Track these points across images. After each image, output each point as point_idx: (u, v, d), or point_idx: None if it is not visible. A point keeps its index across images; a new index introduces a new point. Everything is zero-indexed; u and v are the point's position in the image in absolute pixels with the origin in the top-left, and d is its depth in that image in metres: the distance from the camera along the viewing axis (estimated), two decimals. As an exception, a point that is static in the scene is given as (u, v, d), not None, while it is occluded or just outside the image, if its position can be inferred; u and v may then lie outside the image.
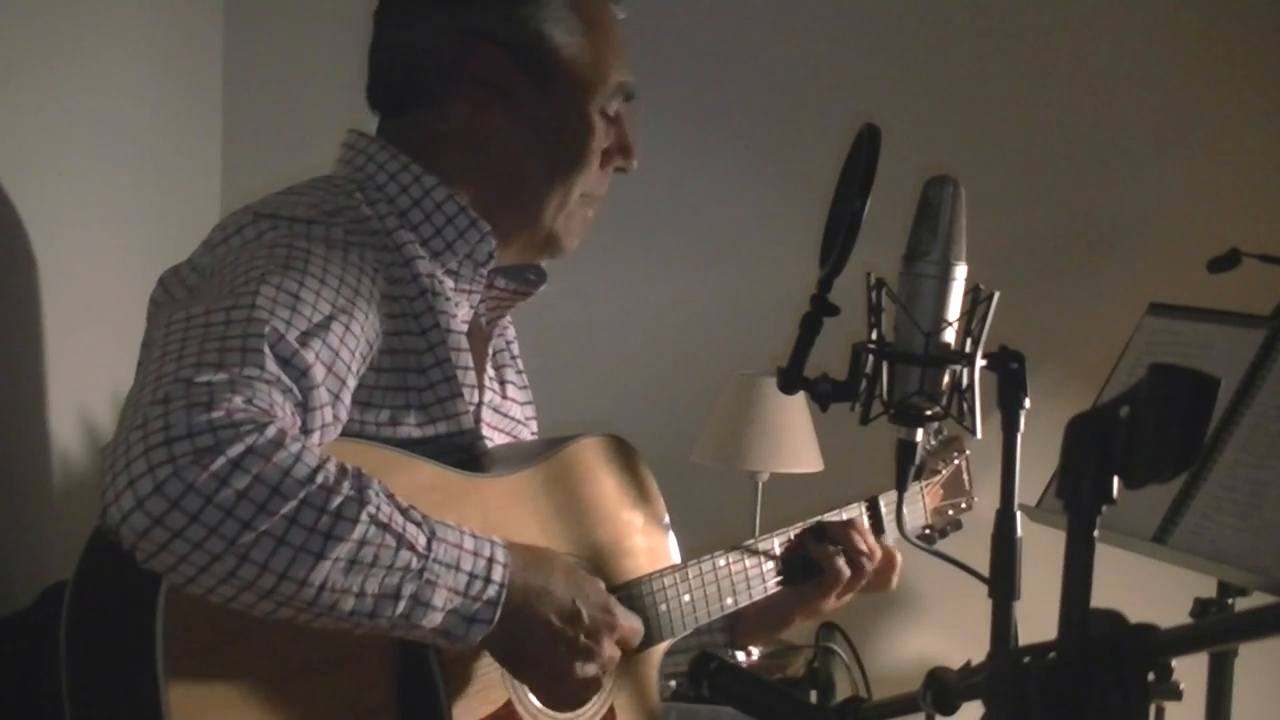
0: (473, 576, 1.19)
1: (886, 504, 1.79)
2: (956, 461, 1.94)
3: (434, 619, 1.16)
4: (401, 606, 1.14)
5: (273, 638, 1.15)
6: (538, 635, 1.27)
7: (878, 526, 1.79)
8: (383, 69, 1.49)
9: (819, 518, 1.72)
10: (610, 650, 1.34)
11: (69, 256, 1.84)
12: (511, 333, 1.67)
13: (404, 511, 1.15)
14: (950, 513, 1.94)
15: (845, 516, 1.74)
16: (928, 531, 1.91)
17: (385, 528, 1.12)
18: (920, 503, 1.87)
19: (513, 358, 1.66)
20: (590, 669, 1.32)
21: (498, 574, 1.21)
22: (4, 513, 1.68)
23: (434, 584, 1.15)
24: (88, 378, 1.91)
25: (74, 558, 1.19)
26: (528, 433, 1.63)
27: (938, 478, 1.90)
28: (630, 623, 1.37)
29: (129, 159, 2.12)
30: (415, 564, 1.14)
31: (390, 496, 1.15)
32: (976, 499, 1.97)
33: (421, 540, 1.15)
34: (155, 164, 2.25)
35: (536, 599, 1.26)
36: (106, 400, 1.96)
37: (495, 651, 1.28)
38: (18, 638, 1.38)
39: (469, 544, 1.20)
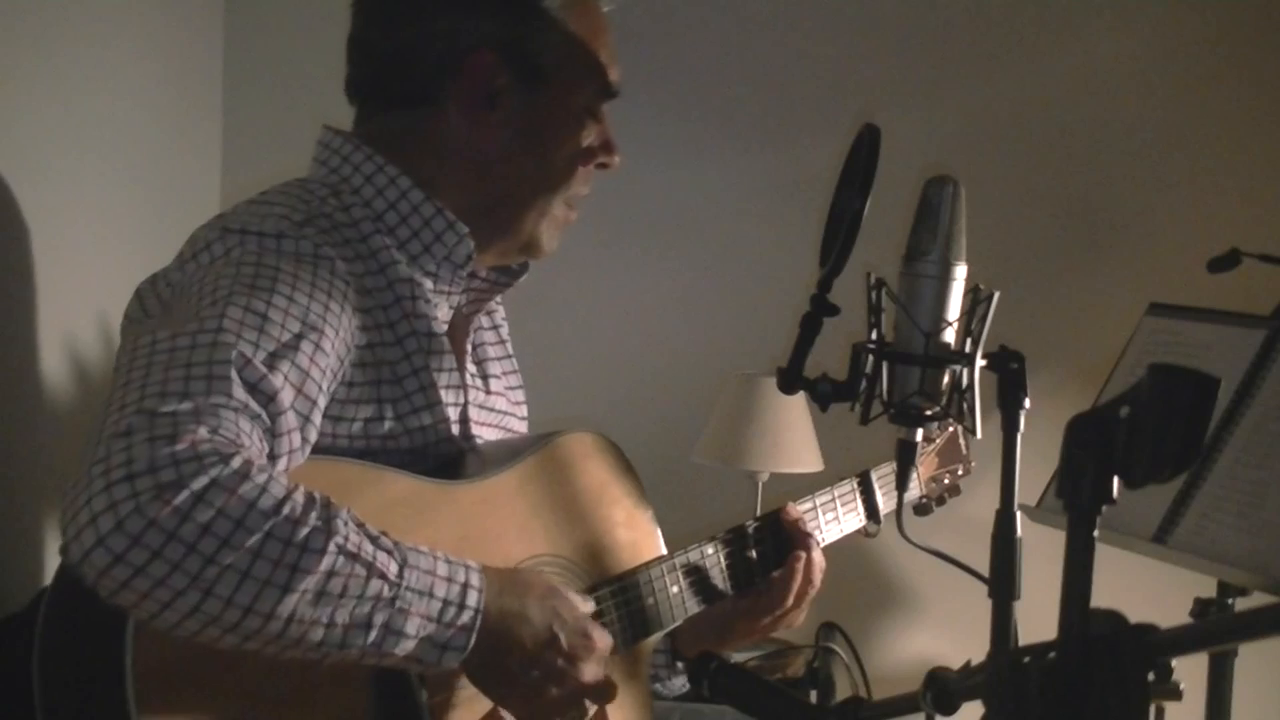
0: (446, 603, 1.17)
1: (878, 478, 1.79)
2: (951, 428, 1.93)
3: (406, 646, 1.14)
4: (373, 635, 1.12)
5: (247, 658, 1.13)
6: (514, 660, 1.25)
7: (871, 503, 1.79)
8: (369, 64, 1.47)
9: (782, 515, 1.69)
10: (589, 673, 1.31)
11: (69, 256, 1.84)
12: (500, 315, 1.66)
13: (374, 539, 1.13)
14: (947, 480, 1.93)
15: (824, 516, 1.72)
16: (924, 501, 1.90)
17: (354, 557, 1.10)
18: (914, 474, 1.86)
19: (499, 342, 1.64)
20: (568, 693, 1.30)
21: (472, 599, 1.19)
22: (3, 513, 1.68)
23: (406, 612, 1.14)
24: (87, 378, 1.91)
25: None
26: (515, 420, 1.62)
27: (931, 446, 1.89)
28: (606, 640, 1.34)
29: (129, 159, 2.12)
30: (387, 592, 1.12)
31: (360, 525, 1.13)
32: (975, 463, 1.97)
33: (393, 568, 1.13)
34: (155, 164, 2.25)
35: (513, 624, 1.24)
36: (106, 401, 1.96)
37: (472, 676, 1.26)
38: (14, 639, 1.38)
39: (442, 569, 1.18)
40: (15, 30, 1.71)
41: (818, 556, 1.66)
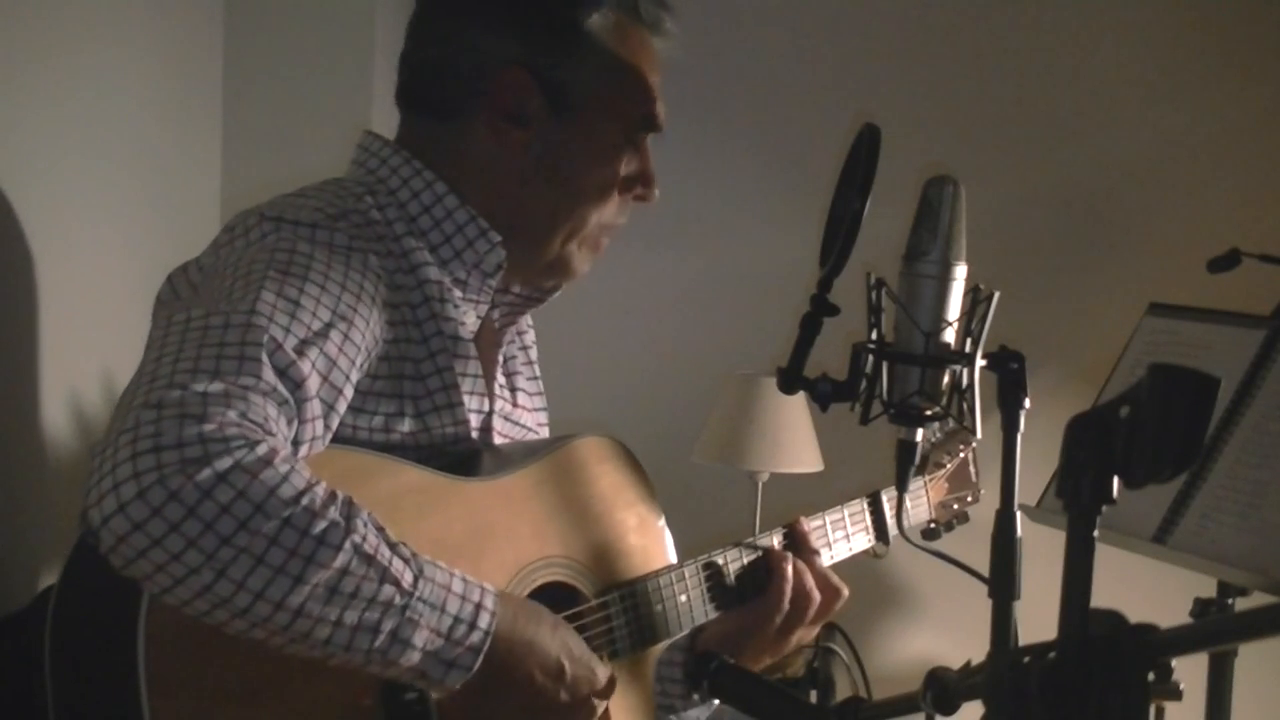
0: (457, 620, 1.17)
1: (889, 500, 1.79)
2: (962, 454, 1.93)
3: (411, 658, 1.14)
4: (379, 641, 1.12)
5: (258, 646, 1.13)
6: (520, 689, 1.24)
7: (880, 523, 1.79)
8: (410, 72, 1.47)
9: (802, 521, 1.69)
10: (591, 706, 1.32)
11: (68, 256, 1.84)
12: (531, 336, 1.66)
13: (393, 546, 1.13)
14: (955, 506, 1.94)
15: (832, 533, 1.71)
16: (932, 526, 1.91)
17: (369, 560, 1.10)
18: (924, 497, 1.87)
19: (528, 362, 1.64)
20: None
21: (484, 621, 1.18)
22: (3, 513, 1.68)
23: (415, 623, 1.13)
24: (86, 377, 1.91)
25: (72, 558, 1.19)
26: (536, 439, 1.61)
27: (942, 471, 1.90)
28: (609, 678, 1.35)
29: (129, 159, 2.12)
30: (398, 600, 1.12)
31: (380, 529, 1.13)
32: (984, 491, 1.97)
33: (408, 577, 1.13)
34: (155, 164, 2.25)
35: (523, 651, 1.24)
36: (105, 400, 1.96)
37: (474, 700, 1.25)
38: (15, 638, 1.38)
39: (458, 587, 1.18)
40: (15, 30, 1.71)
41: (818, 568, 1.63)
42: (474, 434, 1.44)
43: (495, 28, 1.41)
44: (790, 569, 1.61)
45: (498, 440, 1.50)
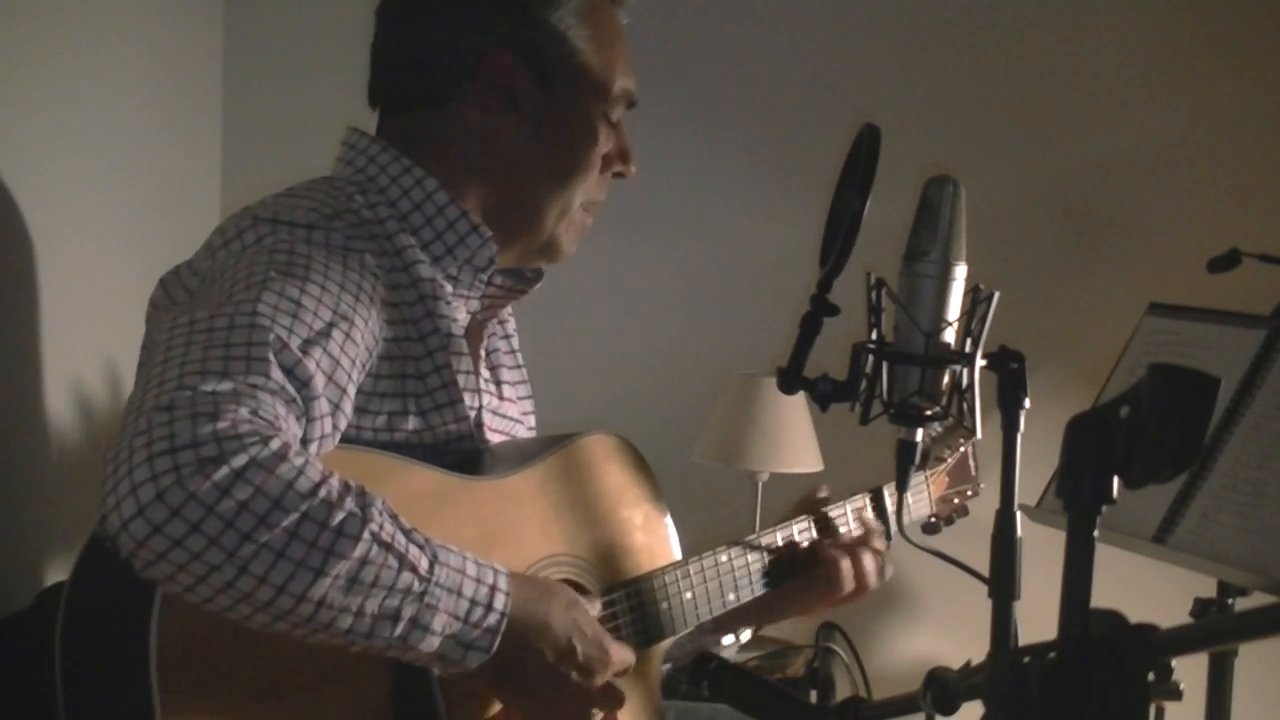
0: (474, 603, 1.18)
1: (890, 495, 1.79)
2: (962, 449, 1.94)
3: (431, 643, 1.15)
4: (400, 629, 1.13)
5: (268, 647, 1.14)
6: (532, 668, 1.26)
7: (881, 518, 1.79)
8: (389, 67, 1.48)
9: (826, 510, 1.71)
10: (602, 685, 1.33)
11: (69, 256, 1.84)
12: (511, 325, 1.66)
13: (407, 533, 1.14)
14: (956, 500, 1.94)
15: (852, 521, 1.72)
16: (933, 520, 1.91)
17: (388, 547, 1.11)
18: (925, 493, 1.87)
19: (510, 351, 1.65)
20: (580, 704, 1.31)
21: (499, 602, 1.20)
22: (3, 513, 1.68)
23: (434, 608, 1.14)
24: (87, 377, 1.91)
25: (72, 558, 1.19)
26: (523, 430, 1.62)
27: (943, 466, 1.90)
28: (622, 656, 1.36)
29: (129, 159, 2.12)
30: (416, 586, 1.13)
31: (394, 516, 1.14)
32: (984, 485, 1.97)
33: (424, 563, 1.14)
34: (155, 164, 2.25)
35: (534, 632, 1.25)
36: (106, 400, 1.96)
37: (489, 679, 1.27)
38: (16, 638, 1.38)
39: (471, 570, 1.19)
40: (15, 30, 1.71)
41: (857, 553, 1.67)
42: (470, 429, 1.44)
43: (475, 12, 1.43)
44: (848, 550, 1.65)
45: (489, 435, 1.50)
